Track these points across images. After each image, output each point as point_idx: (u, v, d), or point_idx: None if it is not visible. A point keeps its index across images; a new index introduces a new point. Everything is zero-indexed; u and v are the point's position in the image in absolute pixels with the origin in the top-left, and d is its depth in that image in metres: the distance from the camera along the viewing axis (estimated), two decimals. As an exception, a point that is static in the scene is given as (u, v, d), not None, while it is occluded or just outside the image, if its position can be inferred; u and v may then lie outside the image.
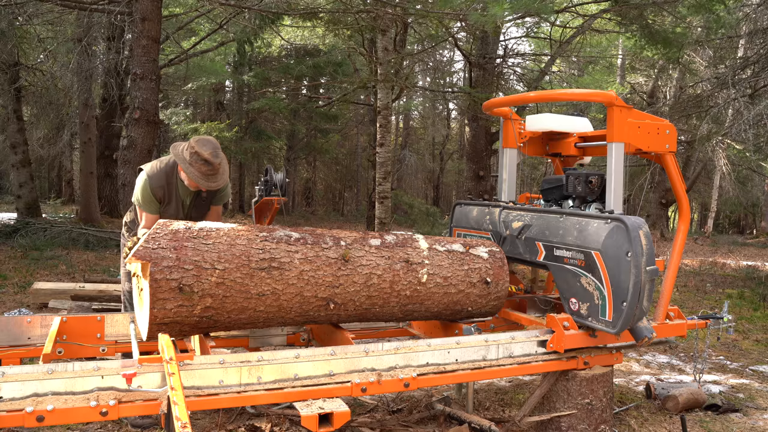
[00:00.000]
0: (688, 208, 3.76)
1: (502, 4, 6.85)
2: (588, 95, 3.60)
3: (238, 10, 9.68)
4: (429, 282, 3.12)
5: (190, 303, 2.54)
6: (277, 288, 2.72)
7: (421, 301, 3.14)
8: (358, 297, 2.94)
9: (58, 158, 22.92)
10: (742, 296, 8.87)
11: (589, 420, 3.29)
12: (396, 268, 3.02)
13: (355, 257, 2.92)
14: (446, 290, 3.19)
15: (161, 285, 2.46)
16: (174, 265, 2.49)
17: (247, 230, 2.78)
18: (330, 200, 32.08)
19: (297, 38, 17.68)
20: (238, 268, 2.63)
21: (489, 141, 13.65)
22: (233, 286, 2.62)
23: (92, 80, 13.42)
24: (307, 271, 2.78)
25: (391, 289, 3.02)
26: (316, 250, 2.83)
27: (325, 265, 2.83)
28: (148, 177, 3.37)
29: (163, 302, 2.49)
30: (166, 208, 3.44)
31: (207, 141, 3.22)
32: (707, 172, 19.82)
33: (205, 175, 3.21)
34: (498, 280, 3.36)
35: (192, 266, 2.53)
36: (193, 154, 3.19)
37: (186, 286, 2.50)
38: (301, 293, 2.78)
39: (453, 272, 3.21)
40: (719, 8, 9.13)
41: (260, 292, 2.68)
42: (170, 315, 2.53)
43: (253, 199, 4.95)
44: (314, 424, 2.42)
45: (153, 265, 2.46)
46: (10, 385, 2.17)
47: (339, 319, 3.06)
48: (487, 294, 3.33)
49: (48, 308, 5.99)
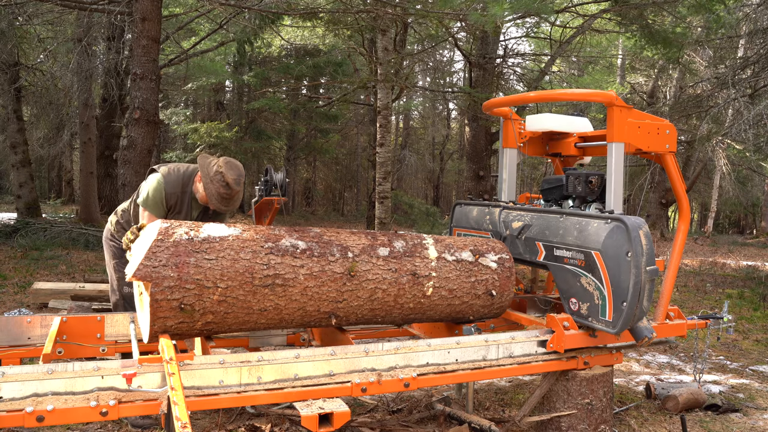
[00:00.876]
0: (688, 208, 3.75)
1: (502, 4, 6.85)
2: (588, 95, 3.60)
3: (238, 10, 9.68)
4: (434, 295, 3.08)
5: (191, 320, 2.51)
6: (279, 304, 2.67)
7: (423, 311, 3.11)
8: (361, 310, 2.89)
9: (58, 158, 22.95)
10: (742, 296, 8.87)
11: (589, 420, 3.29)
12: (402, 282, 2.95)
13: (361, 271, 2.83)
14: (450, 302, 3.15)
15: (162, 305, 2.42)
16: (175, 285, 2.42)
17: (252, 240, 2.66)
18: (330, 200, 32.08)
19: (297, 38, 17.68)
20: (241, 285, 2.56)
21: (489, 141, 13.66)
22: (235, 303, 2.57)
23: (92, 80, 13.42)
24: (311, 287, 2.71)
25: (395, 302, 2.97)
26: (321, 263, 2.74)
27: (330, 280, 2.75)
28: (164, 180, 3.32)
29: (163, 320, 2.46)
30: (175, 216, 3.39)
31: (235, 166, 3.23)
32: (707, 172, 19.83)
33: (222, 198, 3.21)
34: (503, 291, 3.30)
35: (194, 285, 2.46)
36: (218, 173, 3.18)
37: (187, 306, 2.46)
38: (303, 308, 2.74)
39: (459, 285, 3.14)
40: (719, 8, 9.14)
41: (262, 308, 2.64)
42: (170, 330, 2.51)
43: (253, 199, 4.95)
44: (314, 424, 2.42)
45: (154, 285, 2.40)
46: (10, 385, 2.17)
47: (339, 326, 3.05)
48: (491, 305, 3.30)
49: (48, 308, 5.99)
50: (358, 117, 24.73)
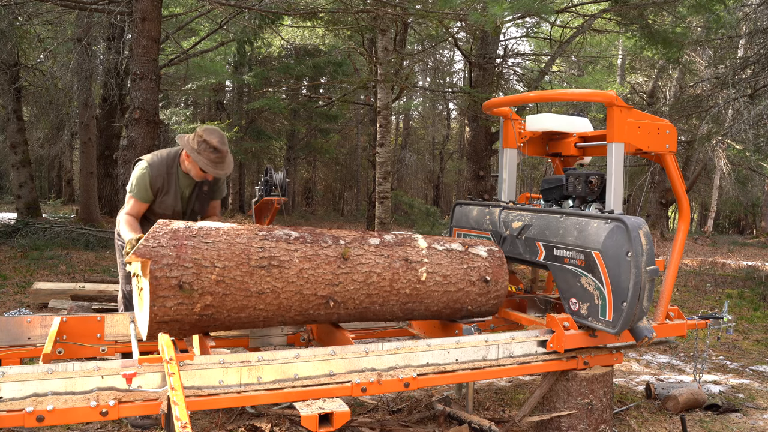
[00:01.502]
0: (688, 208, 3.75)
1: (501, 4, 6.84)
2: (588, 95, 3.60)
3: (238, 10, 9.68)
4: (428, 280, 3.13)
5: (190, 301, 2.55)
6: (276, 286, 2.73)
7: (420, 299, 3.15)
8: (358, 295, 2.94)
9: (58, 158, 22.95)
10: (742, 296, 8.87)
11: (589, 420, 3.29)
12: (395, 267, 3.03)
13: (354, 255, 2.93)
14: (446, 288, 3.20)
15: (161, 282, 2.47)
16: (174, 263, 2.51)
17: (247, 229, 2.80)
18: (330, 200, 32.10)
19: (297, 38, 17.68)
20: (238, 266, 2.64)
21: (489, 141, 13.66)
22: (233, 284, 2.63)
23: (92, 80, 13.42)
24: (307, 269, 2.79)
25: (391, 288, 3.03)
26: (315, 248, 2.85)
27: (325, 263, 2.84)
28: (148, 165, 3.41)
29: (163, 300, 2.50)
30: (164, 198, 3.46)
31: (213, 130, 3.33)
32: (707, 172, 19.83)
33: (214, 163, 3.30)
34: (497, 278, 3.37)
35: (192, 264, 2.54)
36: (201, 142, 3.28)
37: (186, 284, 2.52)
38: (300, 291, 2.79)
39: (452, 270, 3.22)
40: (719, 8, 9.13)
41: (260, 290, 2.69)
42: (170, 313, 2.53)
43: (253, 199, 4.95)
44: (314, 424, 2.42)
45: (153, 262, 2.47)
46: (10, 385, 2.17)
47: (339, 318, 3.06)
48: (487, 292, 3.34)
49: (48, 308, 6.00)
50: (358, 117, 24.74)
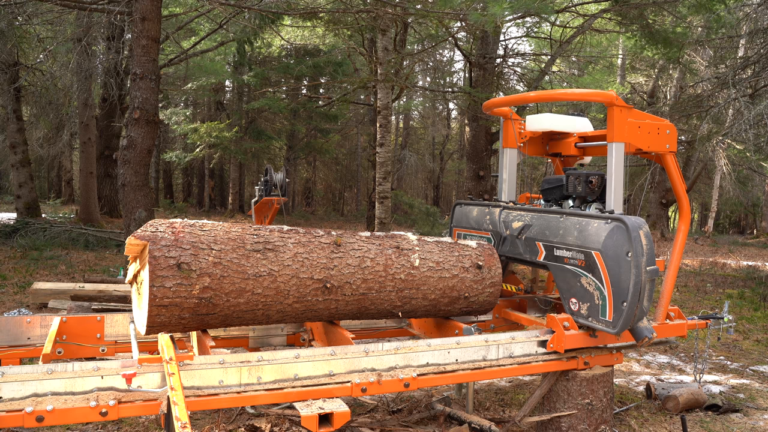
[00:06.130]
0: (688, 208, 3.75)
1: (502, 3, 6.84)
2: (588, 95, 3.60)
3: (238, 10, 9.68)
4: (422, 266, 3.21)
5: (189, 282, 2.59)
6: (273, 269, 2.80)
7: (417, 286, 3.20)
8: (354, 279, 3.00)
9: (57, 158, 22.95)
10: (742, 296, 8.87)
11: (589, 420, 3.28)
12: (388, 253, 3.14)
13: (346, 243, 3.05)
14: (440, 275, 3.27)
15: (160, 262, 2.53)
16: (172, 245, 2.59)
17: (240, 225, 2.94)
18: (330, 200, 32.10)
19: (297, 38, 17.68)
20: (234, 249, 2.73)
21: (489, 141, 13.65)
22: (230, 266, 2.69)
23: (92, 80, 13.42)
24: (302, 254, 2.89)
25: (386, 273, 3.09)
26: (308, 236, 2.99)
27: (318, 248, 2.95)
28: None
29: (162, 279, 2.53)
30: None
31: None
32: (707, 172, 19.83)
33: None
34: (490, 265, 3.45)
35: (189, 246, 2.62)
36: None
37: (184, 264, 2.58)
38: (296, 275, 2.85)
39: (444, 257, 3.31)
40: (719, 8, 9.14)
41: (257, 273, 2.76)
42: (169, 294, 2.56)
43: (253, 199, 4.96)
44: (314, 425, 2.42)
45: (152, 243, 2.54)
46: (9, 385, 2.17)
47: (338, 307, 3.06)
48: (482, 279, 3.41)
49: (48, 308, 5.99)
50: (358, 117, 24.73)
